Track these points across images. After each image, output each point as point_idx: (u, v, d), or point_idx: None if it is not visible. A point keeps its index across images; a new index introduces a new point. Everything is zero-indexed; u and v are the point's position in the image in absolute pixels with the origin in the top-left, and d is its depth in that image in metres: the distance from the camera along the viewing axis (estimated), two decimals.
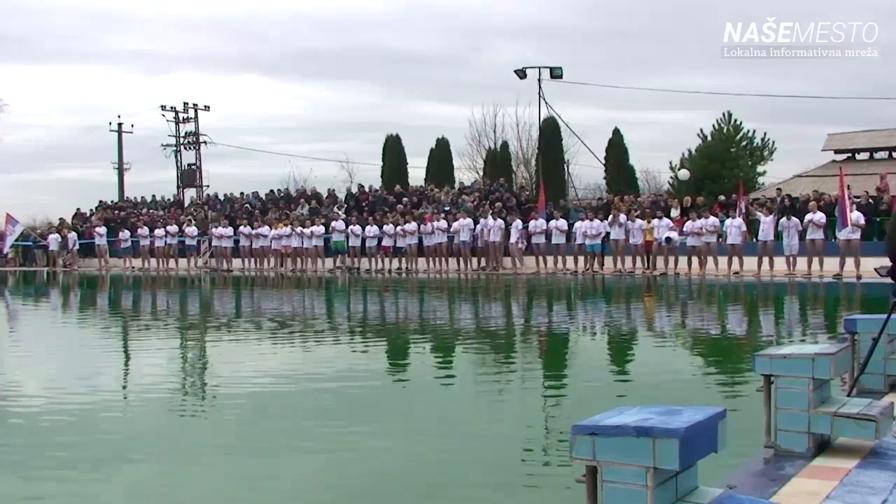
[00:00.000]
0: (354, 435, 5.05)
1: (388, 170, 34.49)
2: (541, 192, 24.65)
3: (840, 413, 3.59)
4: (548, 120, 32.18)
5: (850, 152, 36.27)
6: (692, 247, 19.42)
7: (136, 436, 5.22)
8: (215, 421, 5.72)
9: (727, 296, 15.33)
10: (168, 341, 10.43)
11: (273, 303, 15.66)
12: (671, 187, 36.92)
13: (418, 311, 13.88)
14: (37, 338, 11.32)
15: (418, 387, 6.99)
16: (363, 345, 9.76)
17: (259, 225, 25.90)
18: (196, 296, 19.00)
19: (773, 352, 3.86)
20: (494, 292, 17.18)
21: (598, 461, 2.37)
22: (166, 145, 43.82)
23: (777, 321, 11.73)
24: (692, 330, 10.51)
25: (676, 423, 2.32)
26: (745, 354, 7.33)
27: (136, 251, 28.71)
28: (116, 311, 15.43)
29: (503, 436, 5.05)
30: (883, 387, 4.81)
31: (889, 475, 3.26)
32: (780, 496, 3.07)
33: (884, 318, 4.44)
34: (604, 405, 2.78)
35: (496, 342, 9.56)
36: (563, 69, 30.41)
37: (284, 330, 10.96)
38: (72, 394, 6.48)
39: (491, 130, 41.74)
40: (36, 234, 32.86)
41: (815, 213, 17.94)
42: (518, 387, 6.94)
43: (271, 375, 7.27)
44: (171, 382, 7.29)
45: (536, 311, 13.37)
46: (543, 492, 3.99)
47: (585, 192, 37.55)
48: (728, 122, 39.19)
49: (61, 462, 4.58)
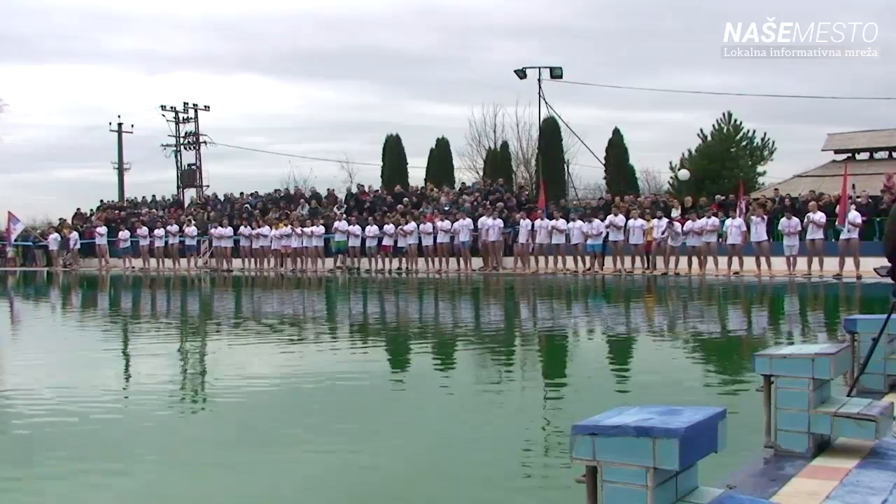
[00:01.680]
0: (354, 435, 5.05)
1: (388, 170, 34.49)
2: (541, 192, 24.65)
3: (840, 413, 3.59)
4: (548, 120, 32.21)
5: (850, 152, 36.29)
6: (692, 247, 19.43)
7: (136, 436, 5.22)
8: (215, 421, 5.72)
9: (727, 296, 15.32)
10: (167, 343, 10.41)
11: (273, 303, 15.65)
12: (671, 187, 36.94)
13: (418, 311, 13.88)
14: (36, 338, 11.32)
15: (417, 387, 6.99)
16: (362, 345, 9.75)
17: (259, 225, 25.92)
18: (196, 296, 18.99)
19: (773, 352, 3.86)
20: (494, 292, 17.18)
21: (598, 461, 2.37)
22: (166, 145, 43.87)
23: (777, 321, 11.73)
24: (692, 330, 10.50)
25: (676, 423, 2.32)
26: (745, 354, 7.33)
27: (136, 251, 28.74)
28: (116, 311, 15.42)
29: (503, 436, 5.05)
30: (883, 387, 4.81)
31: (889, 475, 3.26)
32: (780, 496, 3.07)
33: (884, 318, 4.44)
34: (604, 405, 2.77)
35: (496, 342, 9.56)
36: (563, 69, 30.47)
37: (284, 330, 10.96)
38: (71, 394, 6.48)
39: (491, 130, 41.75)
40: (36, 234, 32.86)
41: (815, 213, 17.95)
42: (518, 387, 6.94)
43: (271, 376, 7.27)
44: (171, 383, 7.29)
45: (536, 312, 13.37)
46: (543, 492, 3.99)
47: (585, 192, 37.60)
48: (728, 122, 39.23)
49: (60, 462, 4.58)
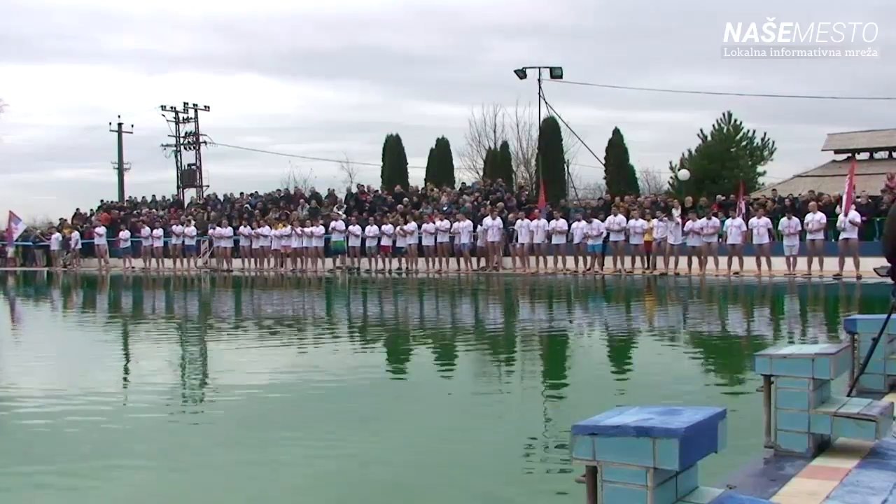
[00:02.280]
0: (354, 435, 5.05)
1: (388, 170, 34.50)
2: (541, 192, 24.65)
3: (840, 413, 3.59)
4: (548, 120, 32.22)
5: (850, 152, 36.25)
6: (692, 247, 19.42)
7: (134, 436, 5.22)
8: (215, 421, 5.71)
9: (727, 296, 15.32)
10: (166, 343, 10.40)
11: (273, 303, 15.65)
12: (671, 187, 36.94)
13: (418, 311, 13.87)
14: (35, 338, 11.32)
15: (417, 387, 6.99)
16: (362, 345, 9.75)
17: (259, 225, 25.92)
18: (195, 296, 18.98)
19: (773, 352, 3.85)
20: (494, 292, 17.18)
21: (598, 461, 2.37)
22: (166, 145, 43.89)
23: (777, 321, 11.72)
24: (692, 330, 10.50)
25: (676, 423, 2.32)
26: (745, 354, 7.33)
27: (136, 251, 28.74)
28: (115, 311, 15.42)
29: (503, 435, 5.04)
30: (883, 387, 4.81)
31: (889, 475, 3.26)
32: (780, 496, 3.07)
33: (884, 318, 4.44)
34: (604, 405, 2.77)
35: (496, 342, 9.56)
36: (563, 69, 30.49)
37: (283, 330, 10.96)
38: (69, 394, 6.48)
39: (491, 130, 41.75)
40: (37, 234, 32.84)
41: (815, 213, 17.95)
42: (517, 387, 6.94)
43: (271, 376, 7.26)
44: (170, 383, 7.30)
45: (536, 312, 13.36)
46: (543, 492, 3.99)
47: (585, 192, 37.62)
48: (728, 122, 39.25)
49: (58, 462, 4.57)
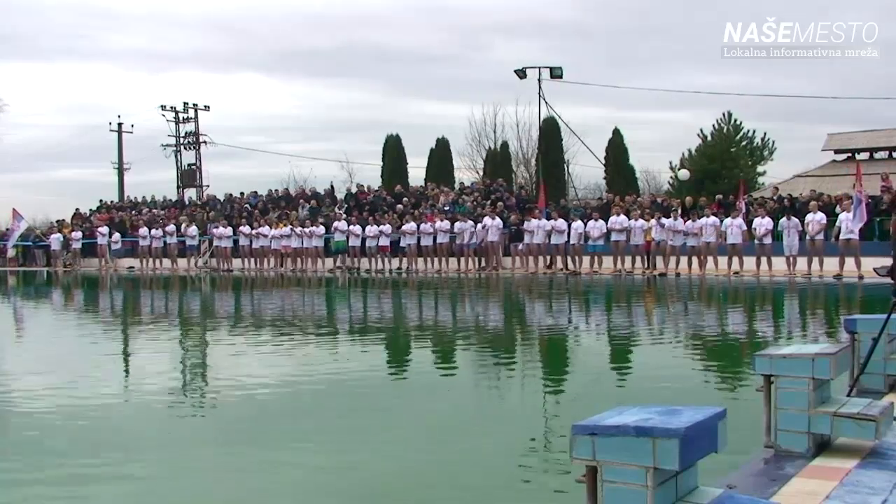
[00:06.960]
0: (353, 435, 5.05)
1: (388, 170, 34.53)
2: (541, 192, 24.65)
3: (840, 413, 3.59)
4: (548, 120, 32.25)
5: (850, 152, 36.29)
6: (692, 247, 19.42)
7: (134, 436, 5.22)
8: (215, 421, 5.72)
9: (727, 296, 15.32)
10: (166, 343, 10.41)
11: (273, 303, 15.65)
12: (671, 187, 36.97)
13: (418, 311, 13.88)
14: (34, 338, 11.32)
15: (416, 387, 6.98)
16: (362, 345, 9.75)
17: (259, 225, 25.91)
18: (196, 296, 18.99)
19: (773, 352, 3.85)
20: (494, 292, 17.18)
21: (598, 461, 2.36)
22: (166, 145, 43.96)
23: (777, 321, 11.73)
24: (692, 330, 10.50)
25: (676, 423, 2.32)
26: (745, 354, 7.34)
27: (136, 251, 28.71)
28: (115, 311, 15.42)
29: (503, 435, 5.05)
30: (883, 387, 4.81)
31: (889, 475, 3.26)
32: (780, 496, 3.07)
33: (884, 318, 4.44)
34: (604, 405, 2.77)
35: (496, 342, 9.56)
36: (563, 69, 30.47)
37: (284, 330, 10.95)
38: (69, 394, 6.48)
39: (491, 130, 41.82)
40: (37, 234, 32.84)
41: (815, 213, 17.95)
42: (517, 386, 6.94)
43: (271, 376, 7.26)
44: (169, 383, 7.29)
45: (536, 311, 13.37)
46: (543, 492, 3.99)
47: (585, 192, 37.65)
48: (728, 122, 39.30)
49: (59, 462, 4.58)
